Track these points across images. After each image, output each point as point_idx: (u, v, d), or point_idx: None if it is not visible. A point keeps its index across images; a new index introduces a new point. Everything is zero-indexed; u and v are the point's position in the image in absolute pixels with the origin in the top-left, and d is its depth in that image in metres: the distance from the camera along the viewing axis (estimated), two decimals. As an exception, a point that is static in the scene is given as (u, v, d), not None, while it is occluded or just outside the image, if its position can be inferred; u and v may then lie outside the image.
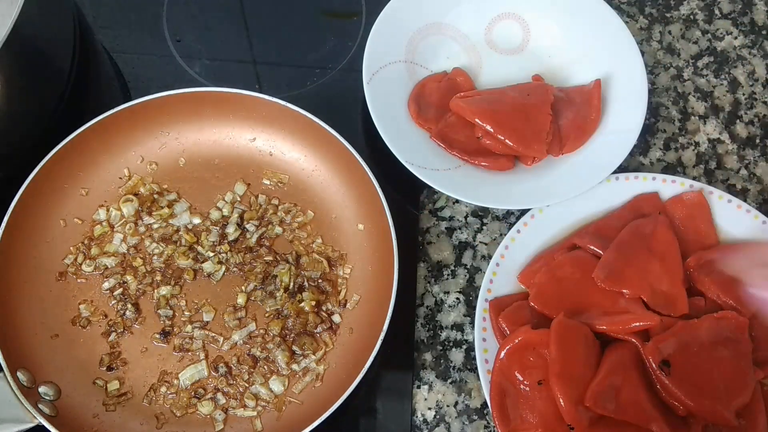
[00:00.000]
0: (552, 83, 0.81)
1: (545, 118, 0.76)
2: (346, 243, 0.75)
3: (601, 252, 0.70)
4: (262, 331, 0.71)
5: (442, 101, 0.79)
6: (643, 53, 0.81)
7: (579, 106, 0.78)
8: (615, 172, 0.74)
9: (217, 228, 0.75)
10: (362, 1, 0.89)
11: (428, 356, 0.73)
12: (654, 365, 0.63)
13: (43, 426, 0.62)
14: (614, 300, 0.68)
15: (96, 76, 0.85)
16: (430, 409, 0.70)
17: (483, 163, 0.76)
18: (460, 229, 0.78)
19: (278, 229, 0.75)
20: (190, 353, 0.70)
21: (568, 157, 0.77)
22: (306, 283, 0.73)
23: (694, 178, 0.79)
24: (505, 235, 0.72)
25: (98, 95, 0.84)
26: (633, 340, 0.65)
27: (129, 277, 0.73)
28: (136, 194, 0.76)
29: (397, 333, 0.69)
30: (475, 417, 0.70)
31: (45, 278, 0.72)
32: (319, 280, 0.73)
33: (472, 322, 0.71)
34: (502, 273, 0.71)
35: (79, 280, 0.73)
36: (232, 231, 0.75)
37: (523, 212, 0.74)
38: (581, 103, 0.79)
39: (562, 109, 0.78)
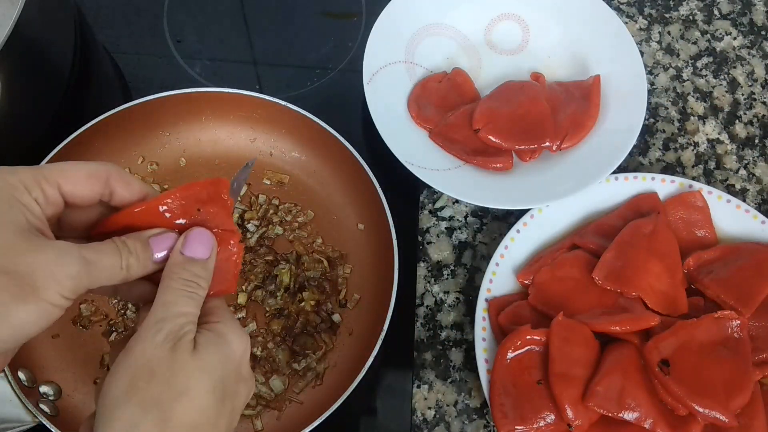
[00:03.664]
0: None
1: (543, 110, 0.77)
2: (346, 243, 0.75)
3: (600, 252, 0.70)
4: (262, 330, 0.71)
5: (442, 101, 0.79)
6: (642, 54, 0.82)
7: (578, 101, 0.78)
8: (614, 172, 0.75)
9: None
10: (362, 1, 0.89)
11: (428, 356, 0.73)
12: (653, 365, 0.63)
13: (44, 425, 0.62)
14: (614, 300, 0.68)
15: (96, 76, 0.85)
16: (430, 408, 0.71)
17: (482, 163, 0.76)
18: (460, 229, 0.78)
19: (279, 229, 0.76)
20: (190, 353, 0.70)
21: (567, 156, 0.77)
22: (306, 283, 0.73)
23: (693, 178, 0.79)
24: (505, 234, 0.73)
25: (98, 95, 0.84)
26: (633, 340, 0.66)
27: (129, 277, 0.73)
28: (136, 194, 0.76)
29: (397, 333, 0.69)
30: (475, 416, 0.70)
31: (46, 278, 0.72)
32: (320, 280, 0.73)
33: (472, 322, 0.71)
34: (502, 273, 0.71)
35: (79, 280, 0.73)
36: (232, 231, 0.75)
37: (523, 212, 0.74)
38: (580, 97, 0.79)
39: (560, 104, 0.78)
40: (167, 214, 0.44)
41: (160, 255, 0.43)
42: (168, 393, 0.39)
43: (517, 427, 0.63)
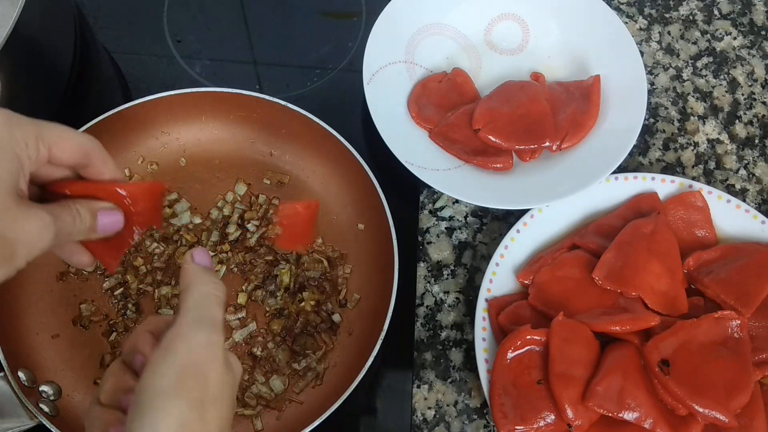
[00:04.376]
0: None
1: (543, 110, 0.77)
2: (346, 243, 0.75)
3: (600, 252, 0.70)
4: (262, 330, 0.71)
5: (442, 101, 0.79)
6: (642, 54, 0.82)
7: (578, 101, 0.79)
8: (614, 172, 0.75)
9: (218, 228, 0.75)
10: (362, 1, 0.89)
11: (428, 356, 0.73)
12: (653, 365, 0.63)
13: (43, 425, 0.62)
14: (614, 300, 0.68)
15: (96, 76, 0.85)
16: (430, 408, 0.71)
17: (482, 163, 0.76)
18: (460, 229, 0.78)
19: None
20: (190, 353, 0.70)
21: (567, 156, 0.77)
22: (306, 283, 0.73)
23: (693, 178, 0.79)
24: (505, 234, 0.73)
25: (98, 95, 0.84)
26: (633, 340, 0.66)
27: (130, 277, 0.73)
28: (136, 194, 0.76)
29: (397, 333, 0.69)
30: (475, 416, 0.70)
31: (46, 278, 0.72)
32: (320, 280, 0.73)
33: (472, 322, 0.71)
34: (502, 273, 0.71)
35: (79, 280, 0.73)
36: (232, 231, 0.75)
37: (523, 212, 0.74)
38: (580, 97, 0.79)
39: (560, 104, 0.78)
40: (118, 198, 0.48)
41: (103, 227, 0.46)
42: (208, 396, 0.40)
43: (517, 427, 0.63)
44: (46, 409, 0.63)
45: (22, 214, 0.40)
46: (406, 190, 0.79)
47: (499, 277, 0.71)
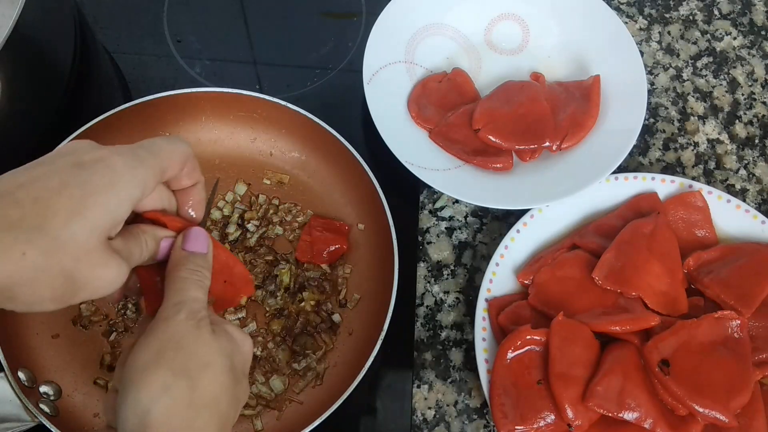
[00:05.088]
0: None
1: (543, 110, 0.77)
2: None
3: (600, 252, 0.70)
4: (262, 330, 0.71)
5: (442, 101, 0.79)
6: (642, 54, 0.82)
7: (578, 101, 0.79)
8: (614, 172, 0.75)
9: (218, 228, 0.75)
10: (362, 1, 0.90)
11: (428, 356, 0.73)
12: (653, 365, 0.63)
13: (43, 425, 0.62)
14: (614, 300, 0.68)
15: (96, 76, 0.85)
16: (430, 408, 0.71)
17: (482, 163, 0.76)
18: (460, 229, 0.78)
19: (279, 229, 0.76)
20: (190, 353, 0.70)
21: (567, 156, 0.77)
22: (306, 283, 0.73)
23: (693, 178, 0.79)
24: (505, 234, 0.73)
25: (98, 95, 0.84)
26: (633, 340, 0.66)
27: (129, 277, 0.73)
28: (136, 194, 0.76)
29: (397, 333, 0.69)
30: (475, 416, 0.70)
31: (46, 278, 0.72)
32: (320, 280, 0.73)
33: (472, 322, 0.71)
34: (502, 273, 0.71)
35: (79, 280, 0.73)
36: (232, 231, 0.75)
37: (523, 212, 0.74)
38: (580, 98, 0.79)
39: (560, 104, 0.78)
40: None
41: (163, 251, 0.46)
42: (194, 363, 0.41)
43: (517, 427, 0.63)
44: (46, 409, 0.63)
45: (103, 260, 0.40)
46: (406, 190, 0.79)
47: (499, 277, 0.71)
